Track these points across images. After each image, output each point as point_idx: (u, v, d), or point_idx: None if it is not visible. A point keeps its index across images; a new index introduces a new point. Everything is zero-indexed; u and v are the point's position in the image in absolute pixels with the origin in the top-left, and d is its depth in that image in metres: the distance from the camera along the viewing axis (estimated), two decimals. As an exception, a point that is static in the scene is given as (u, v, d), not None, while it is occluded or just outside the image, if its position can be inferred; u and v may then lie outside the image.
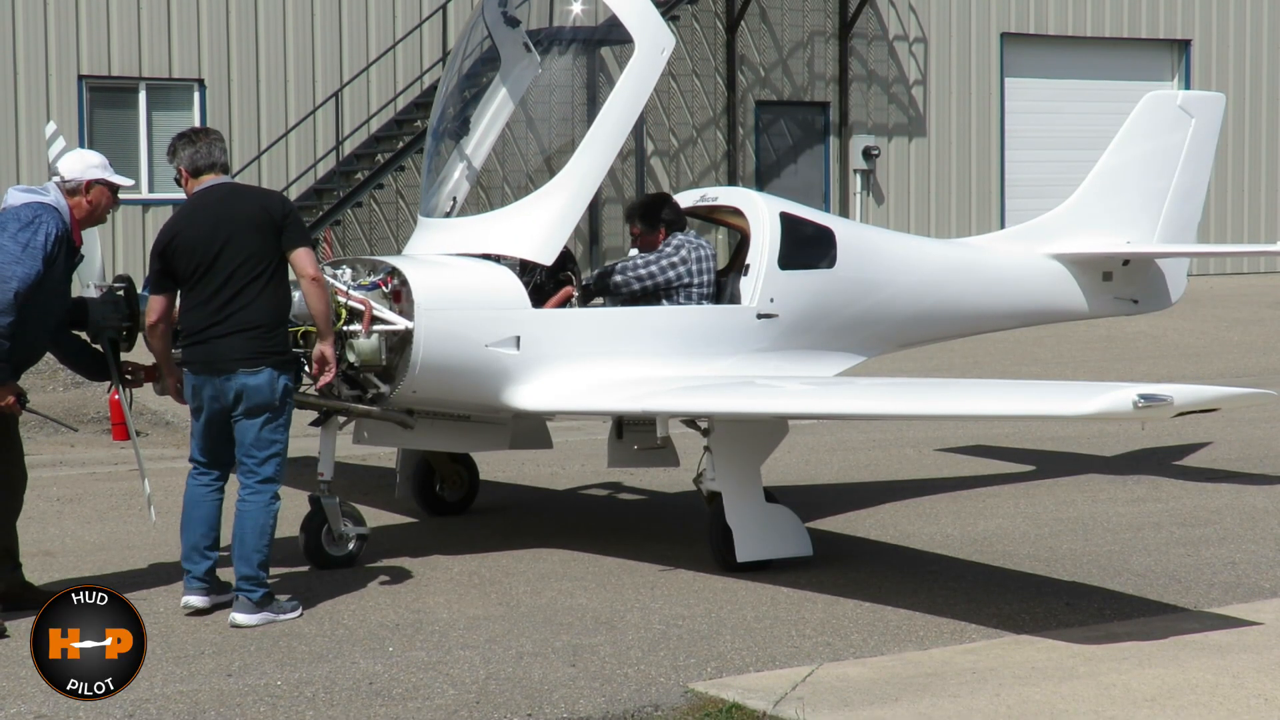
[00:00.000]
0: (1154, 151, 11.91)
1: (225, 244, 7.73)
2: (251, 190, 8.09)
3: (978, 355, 18.55)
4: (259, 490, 7.83)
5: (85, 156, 8.14)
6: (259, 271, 7.73)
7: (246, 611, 7.73)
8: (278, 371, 7.78)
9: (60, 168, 8.06)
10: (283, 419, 7.85)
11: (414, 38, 24.21)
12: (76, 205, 7.97)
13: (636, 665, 7.09)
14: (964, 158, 28.44)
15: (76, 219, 7.96)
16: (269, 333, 7.77)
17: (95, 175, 8.02)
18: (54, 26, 22.36)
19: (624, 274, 9.45)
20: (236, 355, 7.73)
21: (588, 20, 10.04)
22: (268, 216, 7.75)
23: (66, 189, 7.96)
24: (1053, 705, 6.49)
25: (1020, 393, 8.47)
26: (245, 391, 7.76)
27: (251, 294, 7.73)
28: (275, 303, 7.80)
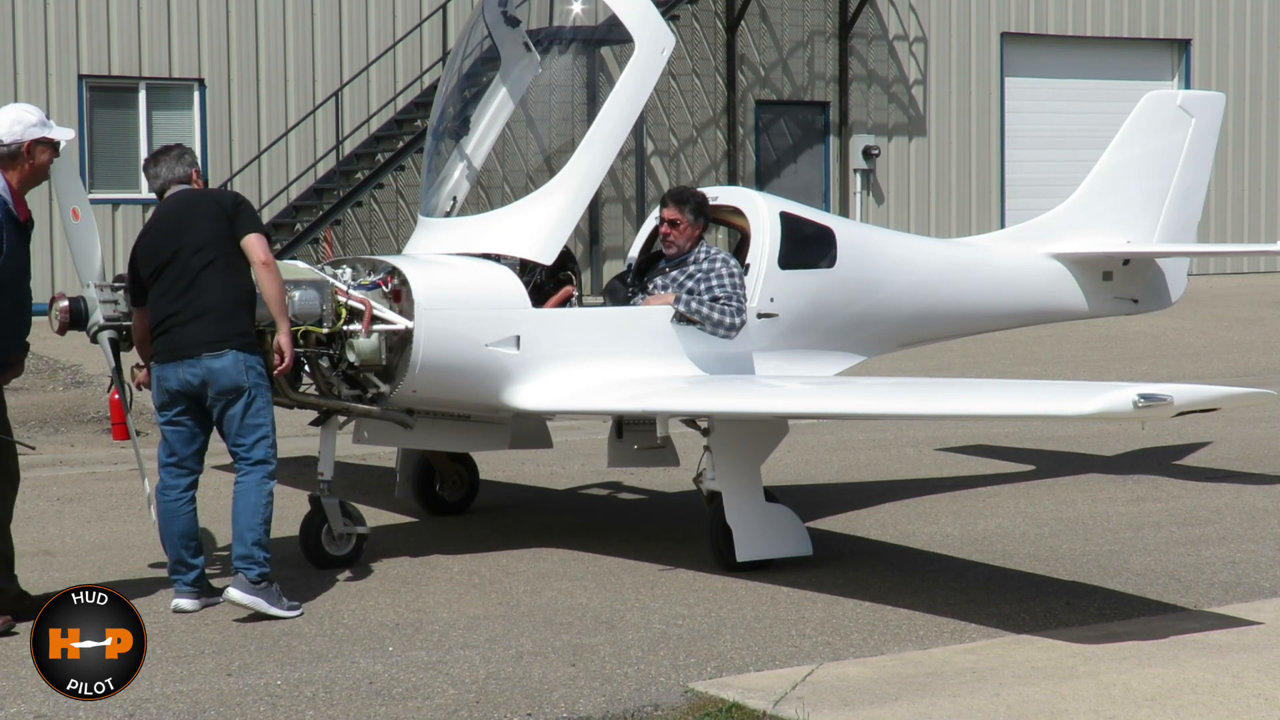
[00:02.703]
0: (1154, 151, 11.90)
1: (180, 240, 7.90)
2: (204, 190, 8.18)
3: (978, 355, 18.55)
4: (250, 472, 7.91)
5: (19, 114, 7.66)
6: (212, 258, 7.83)
7: (240, 588, 7.80)
8: (242, 353, 7.83)
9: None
10: (261, 402, 7.89)
11: (414, 38, 24.21)
12: (17, 171, 7.58)
13: (636, 665, 7.09)
14: (964, 158, 28.44)
15: (16, 188, 7.57)
16: (229, 315, 7.83)
17: (36, 134, 7.63)
18: (54, 26, 22.37)
19: (721, 305, 9.24)
20: (198, 340, 7.82)
21: (588, 20, 10.03)
22: (218, 208, 7.91)
23: (5, 153, 7.55)
24: (1053, 705, 6.49)
25: (1020, 393, 8.47)
26: (211, 376, 7.82)
27: (207, 281, 7.83)
28: (233, 286, 7.86)
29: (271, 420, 7.97)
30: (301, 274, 8.71)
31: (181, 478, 8.09)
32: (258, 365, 7.91)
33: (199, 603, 8.01)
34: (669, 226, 9.48)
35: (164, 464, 8.10)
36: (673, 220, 9.48)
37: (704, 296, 9.22)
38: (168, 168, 8.17)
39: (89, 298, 8.37)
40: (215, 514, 10.48)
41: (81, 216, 8.57)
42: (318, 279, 8.60)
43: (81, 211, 8.60)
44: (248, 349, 7.87)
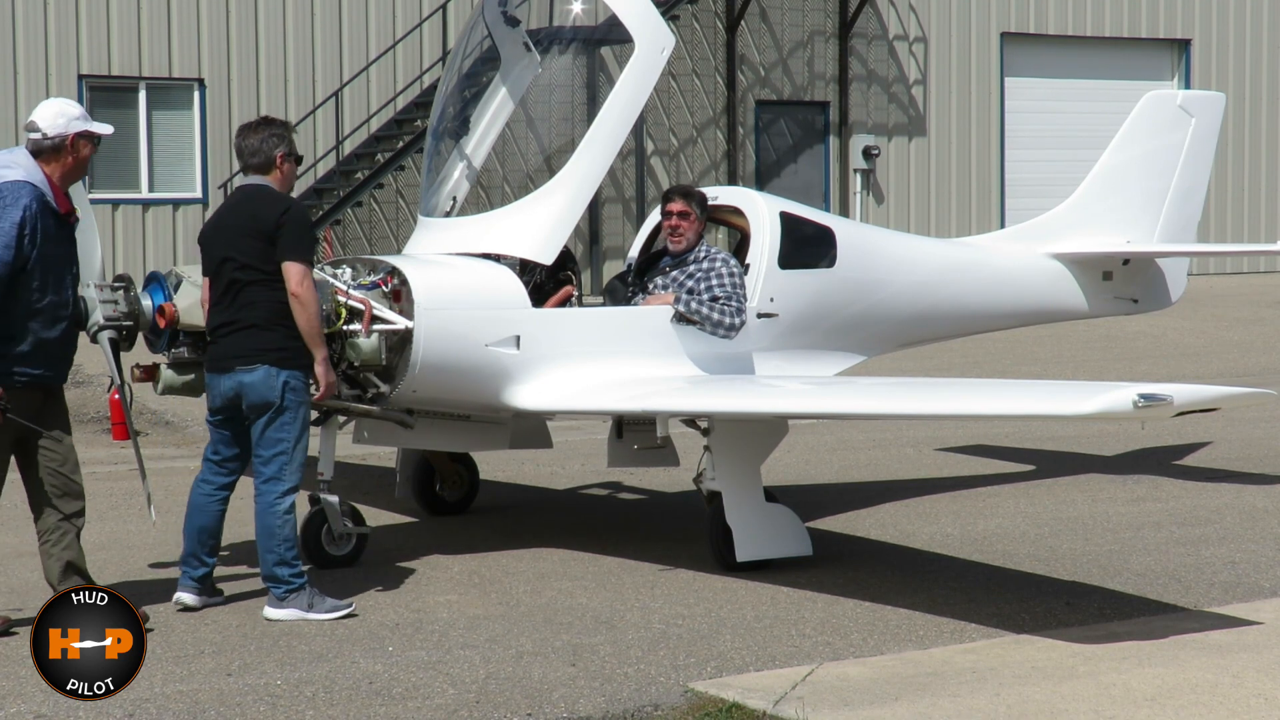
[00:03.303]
0: (1154, 151, 11.90)
1: (228, 249, 7.86)
2: (259, 197, 7.97)
3: (978, 355, 18.55)
4: (263, 491, 7.85)
5: (62, 107, 7.57)
6: (255, 277, 7.80)
7: (272, 605, 7.83)
8: (276, 369, 7.78)
9: (40, 123, 7.45)
10: (287, 418, 7.83)
11: (414, 38, 24.21)
12: (60, 164, 7.46)
13: (636, 665, 7.09)
14: (964, 158, 28.44)
15: (56, 182, 7.46)
16: (264, 331, 7.80)
17: (79, 128, 7.50)
18: (54, 26, 22.37)
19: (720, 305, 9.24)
20: (234, 353, 7.84)
21: (588, 20, 10.03)
22: (259, 225, 7.79)
23: (49, 146, 7.45)
24: (1053, 705, 6.49)
25: (1020, 393, 8.47)
26: (243, 389, 7.82)
27: (248, 295, 7.82)
28: (275, 300, 7.80)
29: (296, 438, 7.84)
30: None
31: (218, 475, 8.11)
32: (293, 380, 7.82)
33: (201, 600, 8.02)
34: (679, 219, 9.45)
35: (206, 458, 8.15)
36: (683, 213, 9.47)
37: (704, 296, 9.22)
38: (250, 151, 7.98)
39: (89, 298, 8.35)
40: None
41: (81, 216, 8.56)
42: (318, 279, 8.60)
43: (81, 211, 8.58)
44: (283, 364, 7.79)
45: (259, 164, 7.99)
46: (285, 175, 8.04)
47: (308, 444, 7.98)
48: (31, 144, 7.48)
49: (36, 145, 7.46)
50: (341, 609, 7.87)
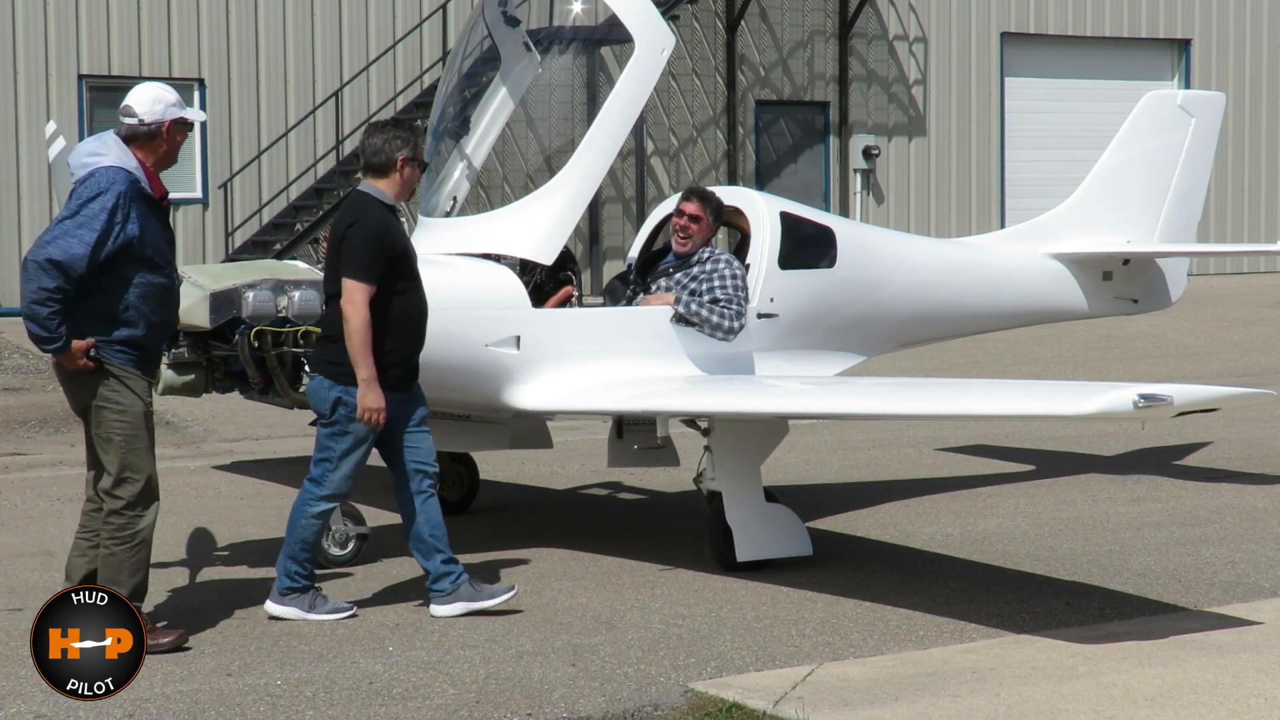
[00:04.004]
0: (1154, 151, 11.90)
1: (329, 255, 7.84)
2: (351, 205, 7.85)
3: (978, 355, 18.56)
4: (305, 487, 7.86)
5: (159, 93, 7.37)
6: (332, 290, 7.76)
7: (274, 600, 7.83)
8: (330, 381, 7.71)
9: (136, 109, 7.26)
10: (336, 430, 7.73)
11: (414, 38, 24.22)
12: (154, 151, 7.28)
13: (636, 665, 7.09)
14: (964, 158, 28.45)
15: (150, 168, 7.29)
16: (328, 343, 7.78)
17: (175, 115, 7.32)
18: (54, 26, 22.38)
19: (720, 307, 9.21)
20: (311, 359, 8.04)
21: (588, 20, 10.03)
22: (334, 235, 7.75)
23: (144, 132, 7.27)
24: (1053, 705, 6.49)
25: (1020, 393, 8.47)
26: (309, 395, 7.91)
27: (330, 306, 7.82)
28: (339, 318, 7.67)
29: (343, 452, 7.73)
30: (301, 274, 8.71)
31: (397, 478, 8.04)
32: (343, 395, 7.69)
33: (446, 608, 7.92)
34: (690, 221, 9.38)
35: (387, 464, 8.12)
36: (695, 216, 9.39)
37: (704, 298, 9.21)
38: (371, 150, 7.83)
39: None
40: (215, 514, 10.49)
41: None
42: (318, 279, 8.60)
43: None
44: (336, 378, 7.69)
45: (377, 165, 7.81)
46: (405, 180, 7.83)
47: (361, 460, 7.81)
48: (126, 129, 7.31)
49: (131, 131, 7.30)
50: (343, 611, 7.85)
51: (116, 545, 7.20)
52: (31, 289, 6.96)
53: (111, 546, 7.20)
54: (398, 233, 7.76)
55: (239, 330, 8.49)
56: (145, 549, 7.27)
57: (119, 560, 7.19)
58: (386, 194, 7.80)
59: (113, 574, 7.18)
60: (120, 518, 7.20)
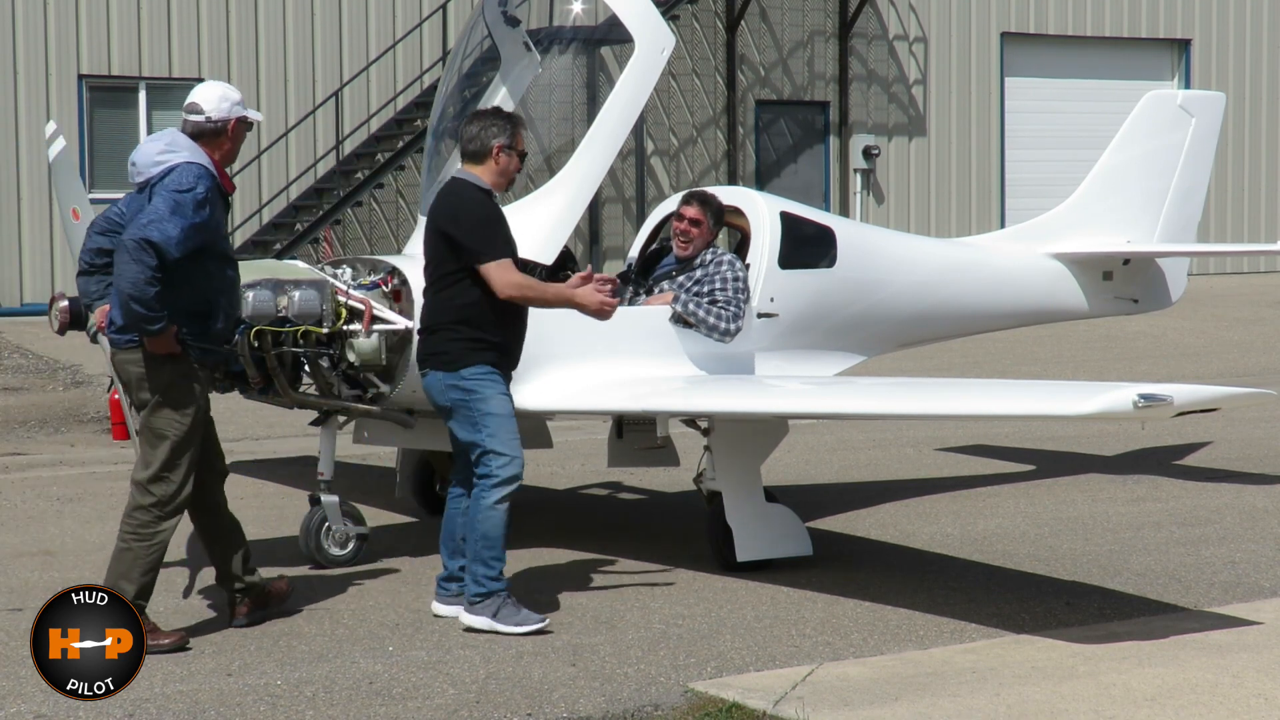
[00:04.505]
0: (1154, 151, 11.90)
1: (426, 247, 7.79)
2: (447, 193, 7.78)
3: (978, 355, 18.56)
4: (477, 497, 7.71)
5: (225, 91, 7.50)
6: (434, 277, 7.71)
7: (466, 610, 7.65)
8: (442, 373, 7.64)
9: (204, 106, 7.39)
10: (472, 417, 7.59)
11: (414, 38, 24.22)
12: (219, 147, 7.40)
13: (636, 665, 7.09)
14: (964, 157, 28.45)
15: (219, 162, 7.41)
16: (431, 334, 7.71)
17: (239, 113, 7.45)
18: (54, 26, 22.38)
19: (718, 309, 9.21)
20: (417, 358, 7.91)
21: (588, 20, 10.03)
22: (440, 226, 7.66)
23: (210, 129, 7.37)
24: (1053, 705, 6.49)
25: (1020, 393, 8.47)
26: (426, 393, 7.80)
27: (429, 298, 7.77)
28: (445, 306, 7.64)
29: (495, 430, 7.56)
30: (301, 274, 8.71)
31: (456, 475, 7.98)
32: (460, 381, 7.60)
33: (450, 608, 7.85)
34: (690, 225, 9.37)
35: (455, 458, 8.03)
36: (696, 220, 9.38)
37: (703, 300, 9.21)
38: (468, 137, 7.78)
39: (88, 297, 8.34)
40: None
41: (81, 216, 8.57)
42: (318, 279, 8.60)
43: (81, 211, 8.60)
44: (445, 366, 7.61)
45: (473, 152, 7.77)
46: (500, 169, 7.76)
47: (513, 433, 7.64)
48: (192, 126, 7.40)
49: (198, 128, 7.39)
50: (534, 622, 7.58)
51: (136, 541, 7.24)
52: (135, 270, 7.02)
53: (130, 542, 7.24)
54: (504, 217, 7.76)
55: (239, 330, 8.48)
56: (161, 551, 7.31)
57: (134, 556, 7.23)
58: (483, 180, 7.75)
59: (126, 569, 7.20)
60: (146, 514, 7.26)
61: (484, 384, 7.66)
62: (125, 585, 7.13)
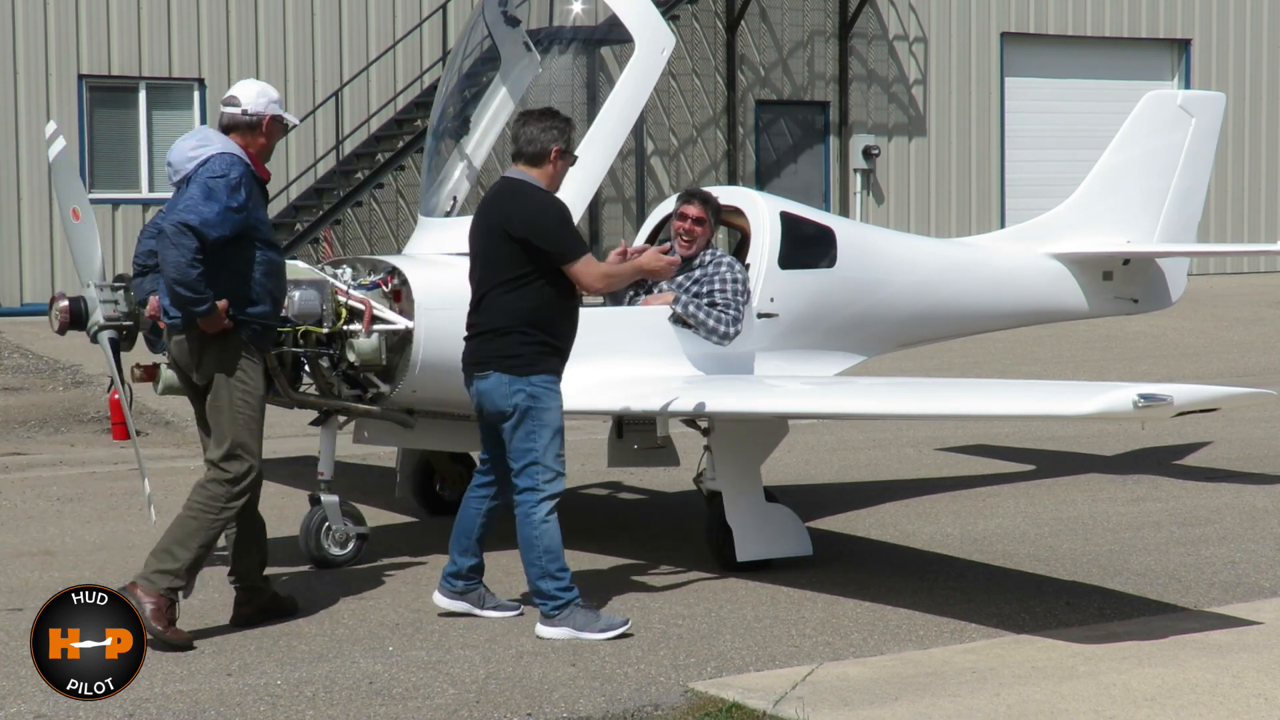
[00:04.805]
0: (1154, 151, 11.90)
1: (484, 245, 7.69)
2: (517, 193, 7.68)
3: (978, 355, 18.55)
4: (519, 502, 7.59)
5: (263, 88, 7.69)
6: (502, 280, 7.58)
7: (543, 623, 7.56)
8: (506, 374, 7.56)
9: (242, 99, 7.58)
10: (529, 426, 7.51)
11: (414, 38, 24.22)
12: (252, 142, 7.56)
13: (636, 665, 7.09)
14: (964, 158, 28.45)
15: (254, 156, 7.57)
16: (500, 336, 7.58)
17: (275, 111, 7.63)
18: (54, 26, 22.37)
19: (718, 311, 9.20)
20: (471, 359, 7.72)
21: (588, 20, 10.03)
22: (509, 231, 7.55)
23: (245, 122, 7.55)
24: (1053, 705, 6.49)
25: (1020, 393, 8.47)
26: (480, 397, 7.66)
27: (491, 300, 7.63)
28: (514, 309, 7.55)
29: (547, 444, 7.53)
30: (301, 274, 8.70)
31: (481, 475, 7.88)
32: (528, 387, 7.53)
33: (453, 603, 7.81)
34: (694, 224, 9.35)
35: (480, 459, 7.93)
36: (699, 219, 9.36)
37: (702, 301, 9.21)
38: (527, 139, 7.71)
39: (89, 298, 8.36)
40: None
41: (81, 216, 8.57)
42: (318, 279, 8.60)
43: (81, 211, 8.60)
44: (512, 370, 7.54)
45: (531, 154, 7.70)
46: (556, 173, 7.75)
47: (562, 448, 7.62)
48: (226, 119, 7.60)
49: (232, 120, 7.59)
50: (617, 626, 7.50)
51: (203, 512, 7.40)
52: (176, 254, 7.23)
53: (197, 511, 7.40)
54: None
55: None
56: (221, 529, 7.48)
57: (198, 526, 7.39)
58: (540, 182, 7.71)
59: (185, 536, 7.38)
60: (220, 488, 7.43)
61: (549, 394, 7.62)
62: (179, 550, 7.32)
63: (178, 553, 7.31)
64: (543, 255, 7.56)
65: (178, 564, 7.28)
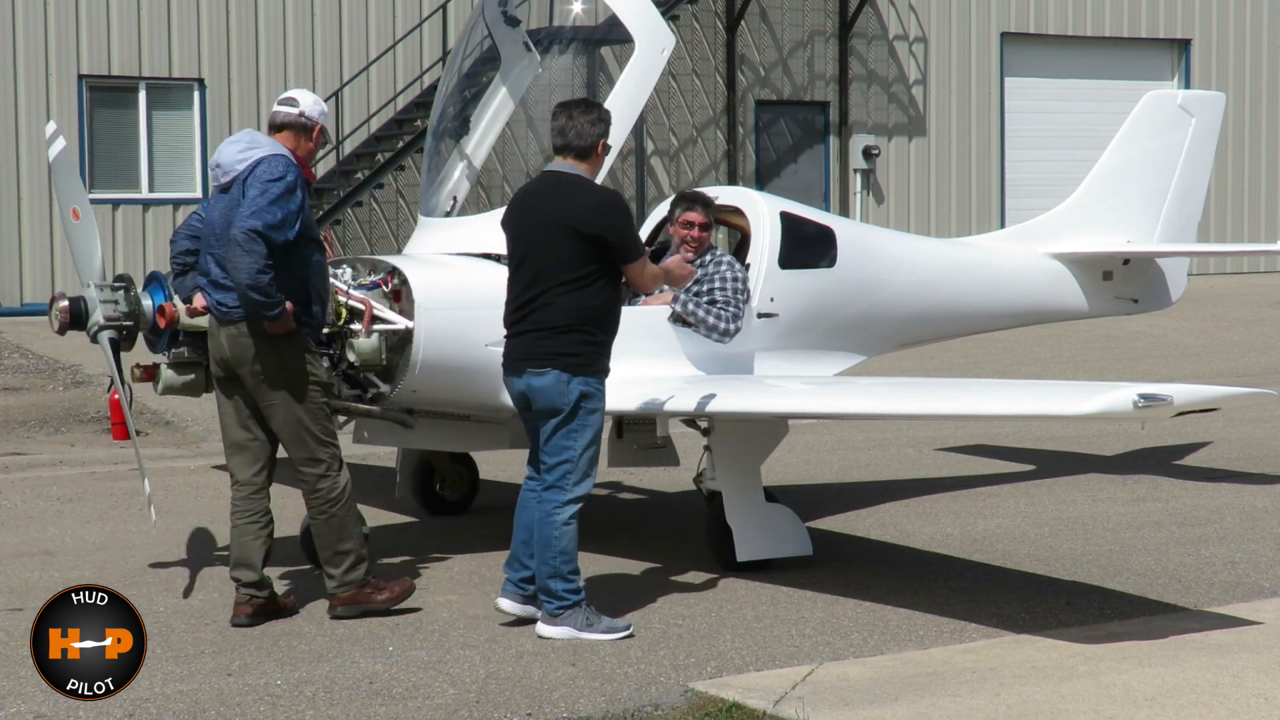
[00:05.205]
0: (1154, 151, 11.90)
1: (535, 243, 7.58)
2: (579, 188, 7.60)
3: (978, 355, 18.55)
4: (544, 499, 7.56)
5: (319, 100, 8.02)
6: (565, 279, 7.49)
7: (545, 622, 7.53)
8: (565, 373, 7.51)
9: (301, 102, 7.87)
10: (576, 425, 7.50)
11: (414, 38, 24.22)
12: (300, 144, 7.80)
13: (636, 665, 7.09)
14: (964, 158, 28.45)
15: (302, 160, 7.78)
16: (561, 334, 7.50)
17: (325, 122, 7.97)
18: (54, 26, 22.37)
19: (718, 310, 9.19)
20: (526, 354, 7.59)
21: (588, 20, 10.03)
22: (575, 228, 7.46)
23: (300, 123, 7.80)
24: (1053, 705, 6.49)
25: (1020, 393, 8.47)
26: (533, 393, 7.59)
27: (552, 297, 7.52)
28: (577, 308, 7.48)
29: (583, 447, 7.52)
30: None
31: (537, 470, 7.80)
32: (584, 387, 7.50)
33: (522, 608, 7.74)
34: (700, 230, 9.32)
35: (530, 459, 7.84)
36: (703, 224, 9.35)
37: (702, 300, 9.21)
38: (576, 132, 7.61)
39: (89, 298, 8.35)
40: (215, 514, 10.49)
41: (81, 216, 8.57)
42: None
43: (81, 211, 8.59)
44: (572, 369, 7.49)
45: (580, 148, 7.63)
46: (598, 166, 7.73)
47: (598, 454, 7.65)
48: (281, 117, 7.85)
49: (288, 119, 7.83)
50: (619, 630, 7.52)
51: (333, 507, 7.79)
52: (249, 261, 7.43)
53: (330, 509, 7.78)
54: None
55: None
56: (355, 502, 7.87)
57: (341, 519, 7.79)
58: (588, 175, 7.65)
59: (340, 532, 7.79)
60: (326, 480, 7.78)
61: (599, 395, 7.62)
62: (347, 544, 7.77)
63: (349, 546, 7.79)
64: (610, 253, 7.51)
65: (352, 555, 7.79)
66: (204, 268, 7.84)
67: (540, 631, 7.53)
